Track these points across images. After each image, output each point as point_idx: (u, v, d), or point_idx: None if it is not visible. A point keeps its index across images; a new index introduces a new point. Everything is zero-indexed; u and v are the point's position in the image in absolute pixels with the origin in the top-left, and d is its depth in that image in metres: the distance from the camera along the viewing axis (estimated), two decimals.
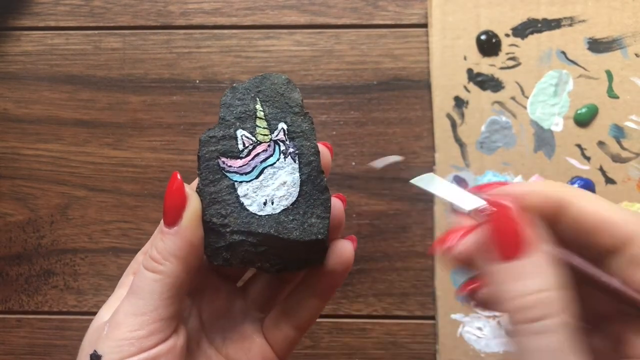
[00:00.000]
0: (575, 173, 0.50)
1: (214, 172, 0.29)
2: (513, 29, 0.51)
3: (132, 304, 0.27)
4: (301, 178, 0.29)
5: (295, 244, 0.29)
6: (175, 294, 0.27)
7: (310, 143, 0.30)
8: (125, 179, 0.52)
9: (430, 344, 0.49)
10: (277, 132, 0.30)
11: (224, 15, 0.52)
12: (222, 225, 0.29)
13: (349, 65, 0.51)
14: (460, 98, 0.50)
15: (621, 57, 0.50)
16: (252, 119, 0.30)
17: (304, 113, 0.30)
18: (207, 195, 0.29)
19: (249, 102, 0.30)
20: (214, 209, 0.29)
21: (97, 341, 0.27)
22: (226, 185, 0.29)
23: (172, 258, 0.27)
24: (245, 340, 0.32)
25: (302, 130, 0.30)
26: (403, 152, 0.51)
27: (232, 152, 0.30)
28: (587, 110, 0.50)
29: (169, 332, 0.27)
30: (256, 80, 0.31)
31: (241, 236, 0.29)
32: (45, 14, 0.53)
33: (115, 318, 0.27)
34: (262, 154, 0.30)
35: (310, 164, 0.30)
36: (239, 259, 0.30)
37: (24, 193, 0.52)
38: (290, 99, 0.30)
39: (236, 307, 0.33)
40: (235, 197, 0.29)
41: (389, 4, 0.52)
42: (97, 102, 0.52)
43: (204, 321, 0.32)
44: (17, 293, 0.52)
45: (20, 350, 0.51)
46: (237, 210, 0.29)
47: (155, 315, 0.26)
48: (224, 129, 0.30)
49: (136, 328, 0.26)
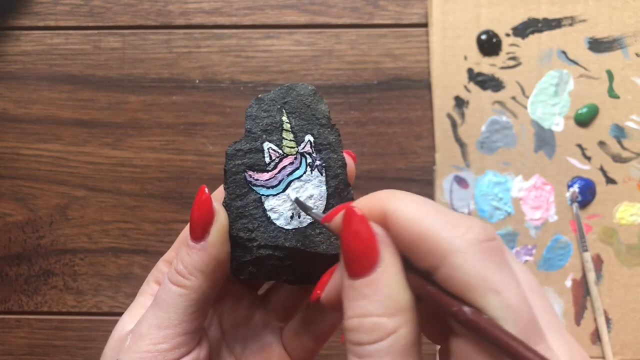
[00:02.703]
0: (575, 173, 0.49)
1: (241, 186, 0.29)
2: (513, 29, 0.50)
3: (157, 316, 0.27)
4: (328, 191, 0.29)
5: (321, 258, 0.29)
6: (200, 309, 0.27)
7: (337, 155, 0.29)
8: (125, 179, 0.51)
9: (431, 344, 0.49)
10: (304, 145, 0.29)
11: (223, 14, 0.52)
12: (249, 239, 0.28)
13: (349, 65, 0.51)
14: (460, 98, 0.50)
15: (622, 57, 0.50)
16: (279, 131, 0.29)
17: (331, 125, 0.30)
18: (234, 209, 0.28)
19: (275, 114, 0.30)
20: (241, 223, 0.28)
21: (119, 351, 0.27)
22: (253, 199, 0.29)
23: (198, 273, 0.27)
24: (265, 350, 0.32)
25: (329, 142, 0.29)
26: (403, 152, 0.51)
27: (258, 165, 0.29)
28: (587, 110, 0.50)
29: (193, 346, 0.27)
30: (282, 91, 0.30)
31: (268, 250, 0.29)
32: (44, 13, 0.53)
33: (139, 329, 0.27)
34: (289, 167, 0.29)
35: (337, 177, 0.29)
36: (265, 273, 0.29)
37: (23, 193, 0.52)
38: (317, 110, 0.30)
39: (257, 317, 0.33)
40: (262, 210, 0.29)
41: (389, 4, 0.52)
42: (97, 102, 0.52)
43: (224, 330, 0.32)
44: (16, 293, 0.51)
45: (20, 350, 0.51)
46: (264, 224, 0.29)
47: (179, 330, 0.26)
48: (250, 141, 0.29)
49: (160, 341, 0.26)
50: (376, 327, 0.20)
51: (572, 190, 0.49)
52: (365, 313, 0.21)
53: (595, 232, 0.49)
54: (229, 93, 0.52)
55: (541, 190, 0.50)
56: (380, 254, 0.21)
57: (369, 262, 0.21)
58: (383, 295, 0.21)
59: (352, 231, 0.22)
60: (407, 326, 0.21)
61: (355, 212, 0.22)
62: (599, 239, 0.49)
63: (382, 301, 0.21)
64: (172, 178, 0.51)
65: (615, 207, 0.49)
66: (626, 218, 0.49)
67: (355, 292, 0.21)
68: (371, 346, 0.20)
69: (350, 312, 0.21)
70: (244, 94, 0.51)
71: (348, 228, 0.22)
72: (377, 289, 0.21)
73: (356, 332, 0.21)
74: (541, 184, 0.50)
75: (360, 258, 0.21)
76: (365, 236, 0.21)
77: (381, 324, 0.20)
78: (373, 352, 0.20)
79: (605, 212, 0.49)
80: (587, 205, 0.49)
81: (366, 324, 0.20)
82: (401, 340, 0.20)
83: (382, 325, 0.20)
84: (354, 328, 0.21)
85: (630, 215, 0.49)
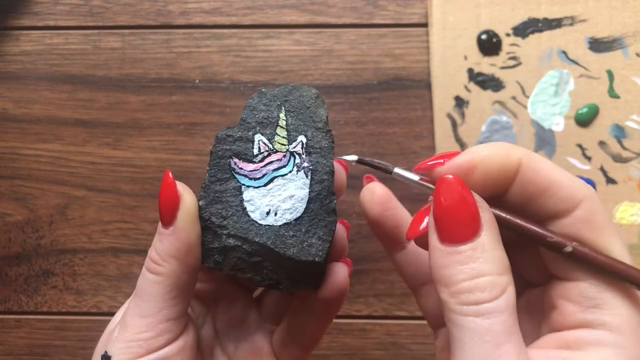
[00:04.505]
0: (576, 173, 0.49)
1: (224, 171, 0.29)
2: (514, 29, 0.50)
3: (138, 305, 0.27)
4: (310, 195, 0.29)
5: (291, 262, 0.28)
6: (178, 294, 0.27)
7: (326, 161, 0.29)
8: (125, 179, 0.51)
9: (431, 345, 0.49)
10: (296, 144, 0.29)
11: (223, 14, 0.52)
12: (220, 226, 0.28)
13: (349, 64, 0.51)
14: (460, 98, 0.50)
15: (622, 57, 0.50)
16: (273, 126, 0.29)
17: (327, 130, 0.30)
18: (212, 192, 0.28)
19: (273, 109, 0.30)
20: (216, 208, 0.28)
21: (107, 342, 0.27)
22: (233, 186, 0.29)
23: (171, 259, 0.27)
24: (256, 352, 0.32)
25: (320, 147, 0.29)
26: (403, 152, 0.51)
27: (246, 154, 0.29)
28: (588, 110, 0.49)
29: (178, 332, 0.27)
30: (286, 90, 0.30)
31: (237, 241, 0.28)
32: (44, 13, 0.53)
33: (124, 320, 0.27)
34: (276, 163, 0.29)
35: (322, 183, 0.29)
36: (230, 265, 0.29)
37: (23, 193, 0.52)
38: (316, 114, 0.30)
39: (250, 318, 0.33)
40: (239, 200, 0.29)
41: (389, 4, 0.52)
42: (97, 102, 0.52)
43: (217, 329, 0.32)
44: (16, 293, 0.51)
45: (20, 350, 0.51)
46: (238, 214, 0.28)
47: (161, 317, 0.26)
48: (242, 130, 0.29)
49: (143, 330, 0.26)
50: (494, 285, 0.22)
51: None
52: (480, 273, 0.22)
53: None
54: (229, 93, 0.52)
55: None
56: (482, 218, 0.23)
57: (473, 227, 0.22)
58: (492, 257, 0.22)
59: (454, 198, 0.23)
60: (513, 284, 0.22)
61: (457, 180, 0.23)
62: None
63: (493, 262, 0.22)
64: None
65: (616, 207, 0.49)
66: (626, 218, 0.49)
67: (462, 256, 0.22)
68: (490, 303, 0.21)
69: (461, 275, 0.22)
70: (244, 94, 0.51)
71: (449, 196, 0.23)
72: (485, 250, 0.22)
73: (473, 293, 0.22)
74: None
75: (464, 224, 0.22)
76: (470, 201, 0.23)
77: (497, 282, 0.22)
78: (493, 309, 0.21)
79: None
80: None
81: (483, 283, 0.22)
82: (512, 296, 0.22)
83: (498, 283, 0.22)
84: (470, 289, 0.22)
85: (631, 215, 0.49)
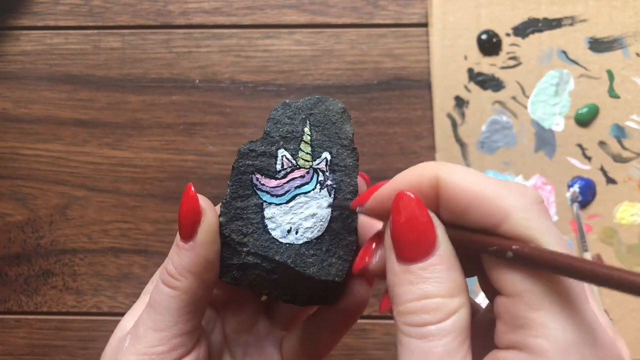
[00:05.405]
0: (576, 173, 0.49)
1: (245, 187, 0.28)
2: (514, 29, 0.50)
3: (152, 318, 0.26)
4: (332, 214, 0.28)
5: (310, 281, 0.28)
6: (194, 309, 0.27)
7: (350, 180, 0.28)
8: (125, 179, 0.51)
9: None
10: (320, 161, 0.28)
11: (223, 14, 0.52)
12: (240, 243, 0.28)
13: (349, 64, 0.51)
14: (460, 98, 0.50)
15: (622, 57, 0.50)
16: (297, 141, 0.28)
17: (352, 148, 0.29)
18: (233, 209, 0.28)
19: (298, 123, 0.29)
20: (236, 224, 0.28)
21: (118, 352, 0.27)
22: (254, 203, 0.28)
23: (188, 274, 0.26)
24: (265, 358, 0.32)
25: (345, 165, 0.28)
26: (403, 152, 0.51)
27: (268, 170, 0.28)
28: (588, 110, 0.49)
29: (191, 346, 0.27)
30: (311, 102, 0.29)
31: (256, 259, 0.28)
32: (44, 13, 0.53)
33: (136, 331, 0.27)
34: (299, 180, 0.28)
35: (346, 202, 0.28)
36: (248, 282, 0.28)
37: (23, 193, 0.52)
38: (342, 129, 0.29)
39: (260, 324, 0.33)
40: (260, 217, 0.28)
41: (389, 4, 0.51)
42: (97, 102, 0.52)
43: (227, 334, 0.32)
44: (16, 293, 0.51)
45: (20, 350, 0.51)
46: (259, 231, 0.28)
47: (175, 331, 0.26)
48: (266, 145, 0.28)
49: (157, 343, 0.26)
50: (440, 307, 0.21)
51: (572, 190, 0.49)
52: (428, 295, 0.21)
53: (596, 232, 0.49)
54: (229, 93, 0.51)
55: (541, 190, 0.49)
56: (438, 236, 0.22)
57: (427, 246, 0.22)
58: (444, 277, 0.21)
59: (408, 216, 0.22)
60: (466, 305, 0.21)
61: (410, 197, 0.22)
62: (599, 239, 0.49)
63: (444, 283, 0.21)
64: (172, 178, 0.51)
65: (616, 207, 0.49)
66: (626, 218, 0.49)
67: (413, 276, 0.21)
68: (434, 326, 0.21)
69: (410, 295, 0.21)
70: (244, 93, 0.51)
71: (402, 213, 0.22)
72: (437, 271, 0.21)
73: (418, 314, 0.21)
74: (541, 184, 0.50)
75: (417, 243, 0.22)
76: (423, 220, 0.22)
77: (445, 304, 0.21)
78: (436, 332, 0.21)
79: (606, 212, 0.49)
80: (587, 205, 0.49)
81: (429, 305, 0.21)
82: (462, 319, 0.21)
83: (445, 305, 0.21)
84: (416, 310, 0.21)
85: (631, 215, 0.49)
